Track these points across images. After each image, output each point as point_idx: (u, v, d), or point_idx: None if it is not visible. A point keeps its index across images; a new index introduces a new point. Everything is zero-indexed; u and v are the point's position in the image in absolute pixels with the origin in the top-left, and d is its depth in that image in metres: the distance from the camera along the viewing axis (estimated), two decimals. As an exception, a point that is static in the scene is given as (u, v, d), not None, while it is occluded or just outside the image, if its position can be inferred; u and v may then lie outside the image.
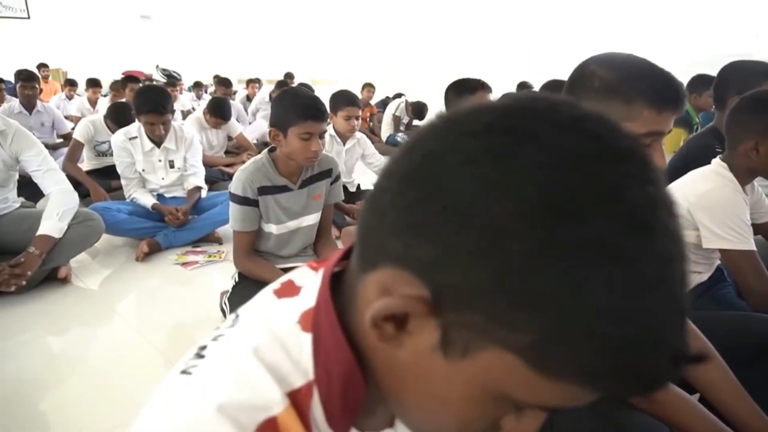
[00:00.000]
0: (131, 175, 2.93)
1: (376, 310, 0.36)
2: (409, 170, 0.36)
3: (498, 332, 0.32)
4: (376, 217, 0.37)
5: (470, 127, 0.34)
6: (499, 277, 0.31)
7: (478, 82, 2.33)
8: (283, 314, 0.45)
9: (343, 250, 0.49)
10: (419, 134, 0.38)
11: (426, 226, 0.33)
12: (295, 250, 1.99)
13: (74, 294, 2.36)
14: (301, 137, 1.74)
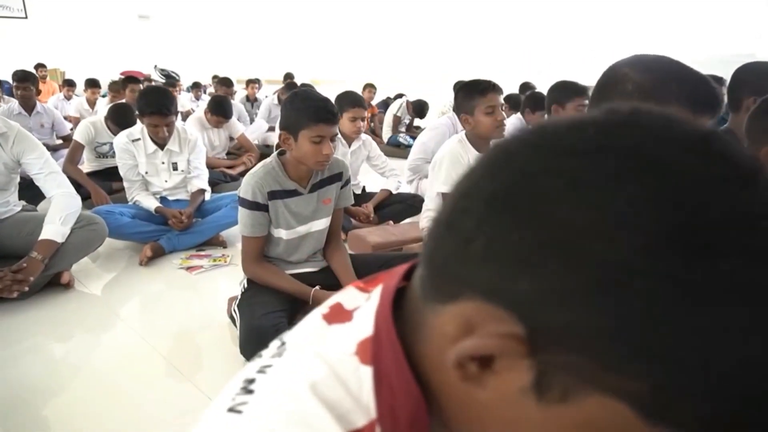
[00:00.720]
0: (134, 177, 2.88)
1: (464, 349, 0.32)
2: (498, 191, 0.32)
3: (609, 378, 0.28)
4: (457, 242, 0.33)
5: (573, 144, 0.30)
6: (618, 319, 0.27)
7: (489, 83, 2.29)
8: (338, 344, 0.41)
9: (395, 272, 0.46)
10: (504, 149, 0.34)
11: (525, 258, 0.29)
12: (305, 255, 1.95)
13: (77, 299, 2.32)
14: (313, 140, 1.70)
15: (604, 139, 0.30)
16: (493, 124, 2.28)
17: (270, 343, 0.47)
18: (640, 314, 0.26)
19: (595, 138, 0.30)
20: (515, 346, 0.31)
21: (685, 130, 0.30)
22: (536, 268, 0.29)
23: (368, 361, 0.39)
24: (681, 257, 0.26)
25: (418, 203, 3.25)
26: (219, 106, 4.22)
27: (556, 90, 2.90)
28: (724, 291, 0.26)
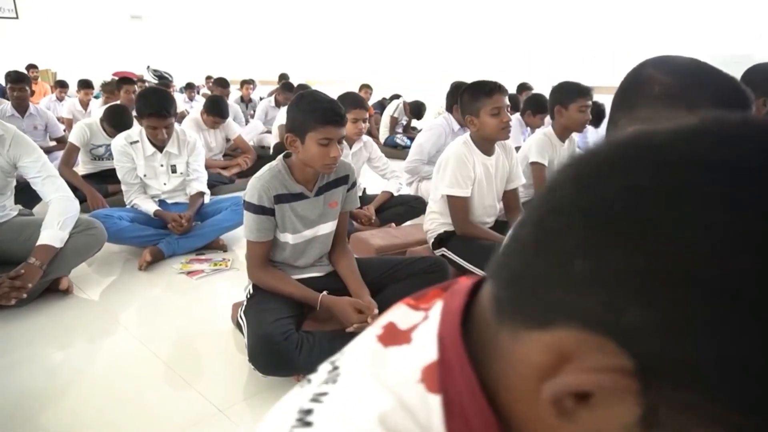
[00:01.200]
0: (132, 180, 2.83)
1: (564, 385, 0.29)
2: (601, 207, 0.29)
3: (738, 418, 0.26)
4: (552, 264, 0.30)
5: (686, 158, 0.28)
6: (749, 353, 0.24)
7: (495, 84, 2.27)
8: (401, 370, 0.38)
9: (456, 290, 0.43)
10: (599, 161, 0.31)
11: (638, 284, 0.27)
12: (312, 260, 1.92)
13: (76, 305, 2.27)
14: (320, 143, 1.67)
15: (722, 154, 0.27)
16: (498, 126, 2.26)
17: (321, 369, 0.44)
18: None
19: (712, 152, 0.27)
20: (622, 380, 0.28)
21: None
22: (651, 296, 0.26)
23: (436, 389, 0.36)
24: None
25: (420, 205, 3.23)
26: (215, 106, 4.17)
27: (559, 91, 2.89)
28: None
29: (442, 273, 1.93)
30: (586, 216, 0.29)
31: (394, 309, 0.46)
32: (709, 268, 0.25)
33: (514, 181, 2.51)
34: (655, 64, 0.99)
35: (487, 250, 2.22)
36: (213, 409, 1.56)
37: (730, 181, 0.26)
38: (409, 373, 0.37)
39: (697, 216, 0.26)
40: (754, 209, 0.25)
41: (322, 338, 1.66)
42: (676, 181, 0.27)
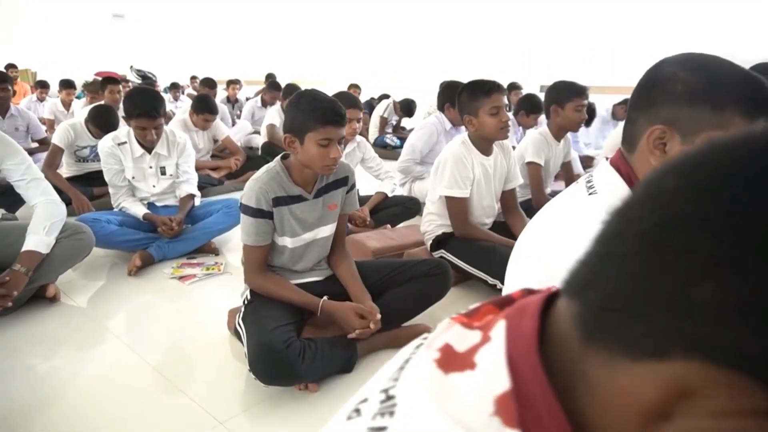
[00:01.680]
0: (120, 183, 2.75)
1: (691, 429, 0.25)
2: (738, 224, 0.25)
3: None
4: (668, 285, 0.26)
5: None
6: None
7: (494, 83, 2.24)
8: (469, 400, 0.34)
9: (524, 308, 0.39)
10: (712, 172, 0.27)
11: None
12: (311, 263, 1.87)
13: (63, 313, 2.19)
14: (320, 143, 1.62)
15: None
16: (497, 125, 2.23)
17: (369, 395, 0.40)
18: None
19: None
20: (762, 424, 0.24)
21: None
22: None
23: (514, 424, 0.32)
24: None
25: (414, 206, 3.19)
26: (203, 103, 4.08)
27: (555, 90, 2.87)
28: None
29: (443, 276, 1.90)
30: (719, 233, 0.25)
31: (445, 328, 0.42)
32: None
33: (512, 181, 2.49)
34: (677, 62, 0.96)
35: (486, 252, 2.20)
36: (212, 421, 1.50)
37: None
38: (480, 405, 0.33)
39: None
40: None
41: (323, 345, 1.61)
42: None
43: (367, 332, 1.67)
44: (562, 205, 1.10)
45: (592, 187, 1.08)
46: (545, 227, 1.10)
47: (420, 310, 1.89)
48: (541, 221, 1.14)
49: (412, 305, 1.88)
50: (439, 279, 1.88)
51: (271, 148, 4.80)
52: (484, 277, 2.16)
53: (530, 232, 1.17)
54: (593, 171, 1.12)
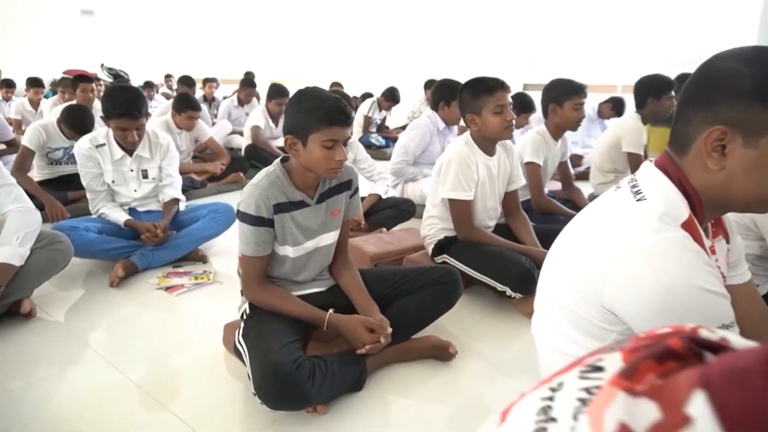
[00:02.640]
0: (99, 187, 2.57)
1: None
2: None
3: None
4: None
5: None
6: None
7: (497, 81, 2.15)
8: None
9: (667, 357, 0.29)
10: None
11: None
12: (313, 274, 1.75)
13: (40, 330, 2.02)
14: (324, 145, 1.50)
15: None
16: (502, 125, 2.14)
17: None
18: None
19: None
20: None
21: None
22: None
23: None
24: None
25: (409, 208, 3.09)
26: (185, 100, 3.90)
27: (552, 89, 2.80)
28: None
29: (454, 284, 1.79)
30: None
31: (607, 398, 0.32)
32: None
33: (515, 182, 2.41)
34: (736, 56, 0.87)
35: (494, 257, 2.11)
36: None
37: None
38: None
39: None
40: None
41: (333, 363, 1.49)
42: None
43: (378, 347, 1.56)
44: (607, 213, 1.01)
45: (639, 192, 0.99)
46: (590, 236, 1.00)
47: (430, 320, 1.79)
48: (583, 229, 1.05)
49: (421, 316, 1.77)
50: (450, 287, 1.78)
51: (255, 151, 4.63)
52: (492, 283, 2.07)
53: (570, 241, 1.07)
54: (637, 175, 1.04)
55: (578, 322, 1.03)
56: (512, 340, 1.96)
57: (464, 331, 1.96)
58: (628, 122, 3.44)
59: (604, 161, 3.56)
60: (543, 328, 1.15)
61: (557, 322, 1.08)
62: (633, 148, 3.39)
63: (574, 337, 1.04)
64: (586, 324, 1.01)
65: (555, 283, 1.08)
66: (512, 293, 2.03)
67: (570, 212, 2.79)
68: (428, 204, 2.38)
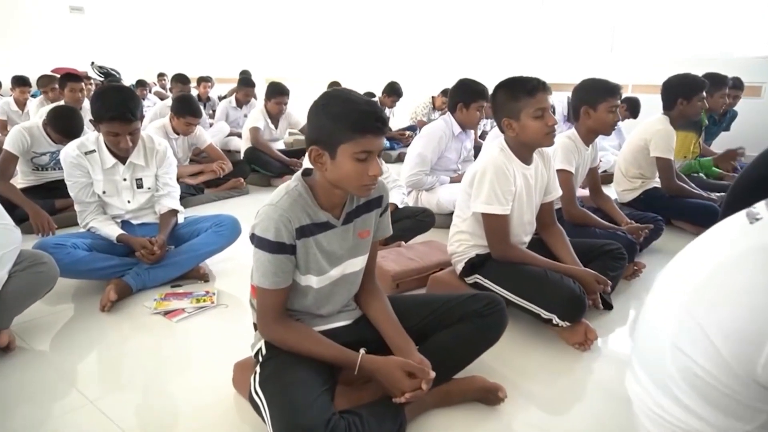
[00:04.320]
0: (88, 198, 2.31)
1: None
2: None
3: None
4: None
5: None
6: None
7: (538, 81, 1.91)
8: None
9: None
10: None
11: None
12: (339, 305, 1.51)
13: (17, 362, 1.76)
14: (357, 157, 1.26)
15: None
16: (543, 130, 1.91)
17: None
18: None
19: None
20: None
21: None
22: None
23: None
24: None
25: (428, 218, 2.85)
26: (185, 104, 3.63)
27: (585, 90, 2.57)
28: None
29: (498, 315, 1.55)
30: None
31: None
32: None
33: (551, 192, 2.18)
34: None
35: (537, 279, 1.88)
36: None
37: None
38: None
39: None
40: None
41: (369, 419, 1.25)
42: None
43: (419, 394, 1.32)
44: (759, 252, 0.78)
45: None
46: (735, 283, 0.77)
47: (472, 358, 1.56)
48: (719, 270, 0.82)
49: (463, 353, 1.53)
50: (495, 319, 1.54)
51: (255, 154, 4.38)
52: (536, 310, 1.83)
53: (696, 284, 0.84)
54: None
55: (711, 394, 0.79)
56: (563, 375, 1.73)
57: (507, 366, 1.72)
58: (657, 125, 3.22)
59: (629, 166, 3.34)
60: (649, 392, 0.91)
61: (675, 389, 0.84)
62: (663, 152, 3.17)
63: (703, 414, 0.81)
64: (724, 400, 0.78)
65: (671, 339, 0.84)
66: (559, 321, 1.80)
67: (606, 224, 2.57)
68: (456, 218, 2.14)
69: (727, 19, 5.77)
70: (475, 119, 3.16)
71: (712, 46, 5.89)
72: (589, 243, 2.27)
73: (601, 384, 1.70)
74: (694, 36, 6.02)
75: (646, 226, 2.60)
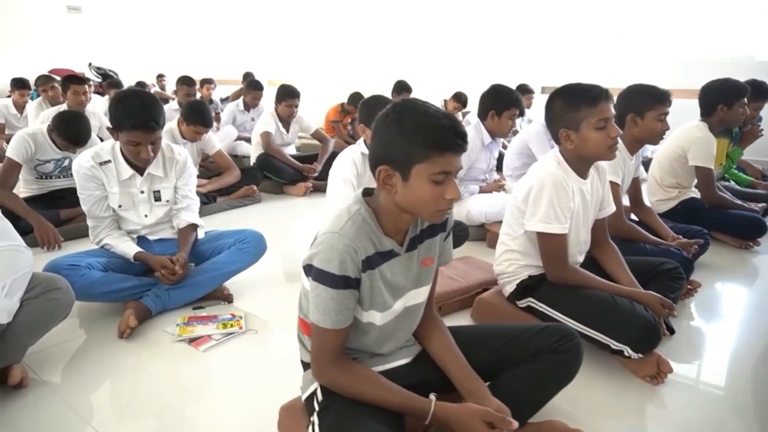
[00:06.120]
0: (103, 213, 2.13)
1: None
2: None
3: None
4: None
5: None
6: None
7: (600, 89, 1.75)
8: None
9: None
10: None
11: None
12: (401, 342, 1.34)
13: (25, 396, 1.58)
14: (434, 179, 1.10)
15: None
16: (605, 142, 1.75)
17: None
18: None
19: None
20: None
21: None
22: None
23: None
24: None
25: (462, 232, 2.70)
26: (196, 112, 3.46)
27: (632, 96, 2.41)
28: None
29: (574, 351, 1.38)
30: None
31: None
32: None
33: (605, 208, 2.02)
34: None
35: (603, 306, 1.72)
36: None
37: None
38: None
39: None
40: None
41: (451, 481, 1.09)
42: None
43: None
44: None
45: None
46: None
47: (547, 399, 1.39)
48: None
49: (539, 394, 1.37)
50: (572, 356, 1.37)
51: (267, 160, 4.20)
52: (605, 340, 1.67)
53: None
54: None
55: None
56: (637, 413, 1.58)
57: (573, 404, 1.56)
58: (695, 132, 3.07)
59: (665, 175, 3.19)
60: None
61: None
62: (703, 161, 3.02)
63: None
64: None
65: None
66: (632, 353, 1.63)
67: (655, 239, 2.41)
68: (505, 235, 1.98)
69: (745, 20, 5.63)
70: (507, 128, 3.00)
71: (727, 49, 5.75)
72: (643, 261, 2.11)
73: (680, 422, 1.54)
74: (702, 38, 5.89)
75: (696, 241, 2.45)
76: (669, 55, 5.99)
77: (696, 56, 5.87)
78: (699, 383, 1.77)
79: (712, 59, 5.74)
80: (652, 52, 6.10)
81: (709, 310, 2.33)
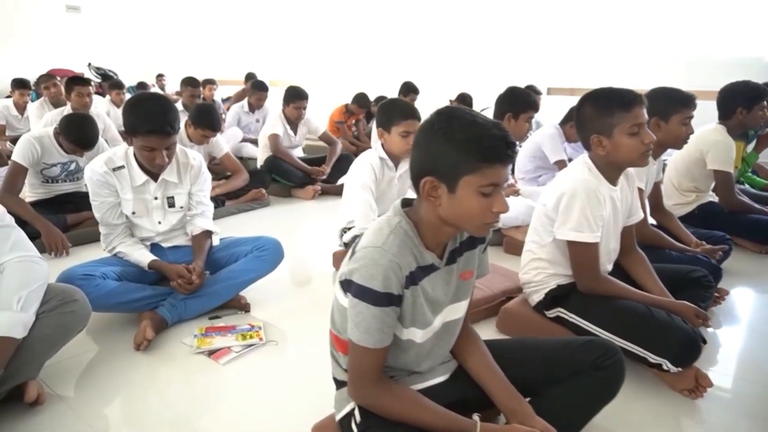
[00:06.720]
0: (116, 220, 2.07)
1: None
2: None
3: None
4: None
5: None
6: None
7: (634, 94, 1.70)
8: None
9: None
10: None
11: None
12: (439, 359, 1.29)
13: (46, 414, 1.52)
14: (482, 191, 1.05)
15: None
16: (638, 148, 1.70)
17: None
18: None
19: None
20: None
21: None
22: None
23: None
24: None
25: (481, 238, 2.63)
26: (205, 116, 3.39)
27: (656, 99, 2.34)
28: None
29: (617, 367, 1.33)
30: None
31: None
32: None
33: (633, 215, 1.97)
34: None
35: (638, 317, 1.67)
36: None
37: None
38: None
39: None
40: None
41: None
42: None
43: (546, 472, 1.10)
44: None
45: None
46: None
47: (590, 417, 1.33)
48: None
49: (583, 413, 1.31)
50: (616, 371, 1.32)
51: (275, 162, 4.14)
52: (643, 353, 1.62)
53: None
54: None
55: None
56: (680, 429, 1.52)
57: (613, 421, 1.50)
58: (714, 135, 3.03)
59: (682, 179, 3.14)
60: None
61: None
62: (722, 165, 2.97)
63: None
64: None
65: None
66: (671, 367, 1.58)
67: (680, 245, 2.36)
68: (532, 243, 1.93)
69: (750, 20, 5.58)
70: (523, 131, 2.95)
71: (729, 49, 5.69)
72: (671, 269, 2.06)
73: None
74: (702, 38, 5.83)
75: (721, 247, 2.40)
76: (670, 55, 5.94)
77: (697, 56, 5.82)
78: (737, 396, 1.71)
79: (714, 59, 5.70)
80: (653, 52, 6.05)
81: (737, 318, 2.29)
